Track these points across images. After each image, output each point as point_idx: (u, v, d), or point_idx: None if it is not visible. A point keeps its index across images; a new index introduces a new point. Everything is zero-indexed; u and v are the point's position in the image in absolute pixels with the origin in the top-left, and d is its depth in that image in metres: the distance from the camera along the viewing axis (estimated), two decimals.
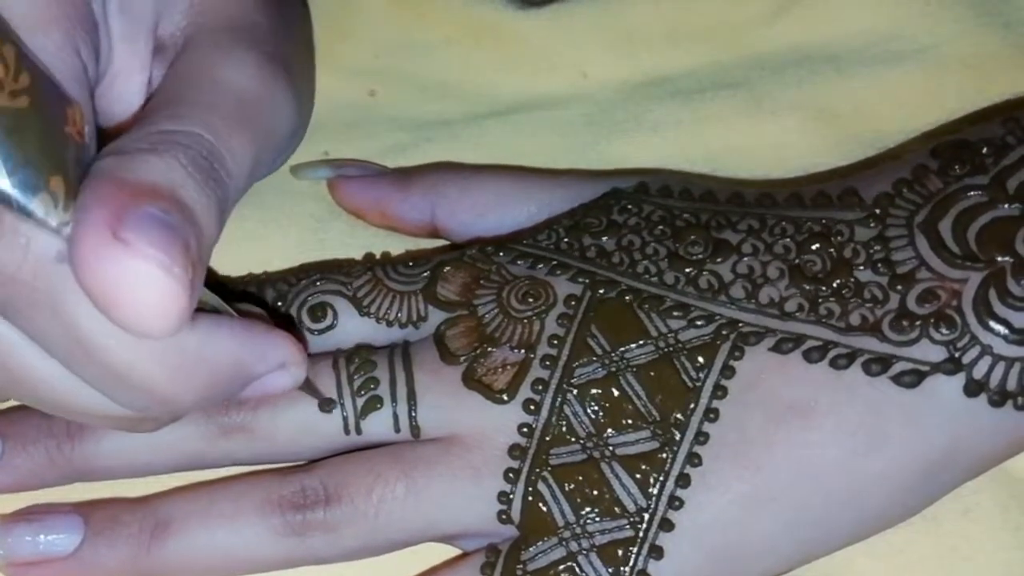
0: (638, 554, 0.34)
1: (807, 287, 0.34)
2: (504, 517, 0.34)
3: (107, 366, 0.28)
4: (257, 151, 0.32)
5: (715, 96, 0.42)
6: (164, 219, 0.26)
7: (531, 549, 0.34)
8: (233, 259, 0.40)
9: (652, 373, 0.34)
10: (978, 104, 0.41)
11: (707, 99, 0.42)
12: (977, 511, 0.36)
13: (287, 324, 0.36)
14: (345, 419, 0.35)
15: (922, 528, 0.36)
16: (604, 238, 0.36)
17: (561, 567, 0.34)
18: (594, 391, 0.35)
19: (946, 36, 0.43)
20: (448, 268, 0.37)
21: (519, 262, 0.37)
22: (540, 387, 0.35)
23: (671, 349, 0.35)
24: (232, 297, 0.34)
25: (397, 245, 0.40)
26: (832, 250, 0.35)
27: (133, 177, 0.27)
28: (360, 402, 0.35)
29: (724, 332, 0.34)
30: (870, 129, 0.42)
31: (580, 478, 0.34)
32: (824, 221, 0.35)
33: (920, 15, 0.43)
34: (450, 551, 0.36)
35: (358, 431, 0.35)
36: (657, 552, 0.33)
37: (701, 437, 0.34)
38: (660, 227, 0.36)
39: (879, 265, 0.34)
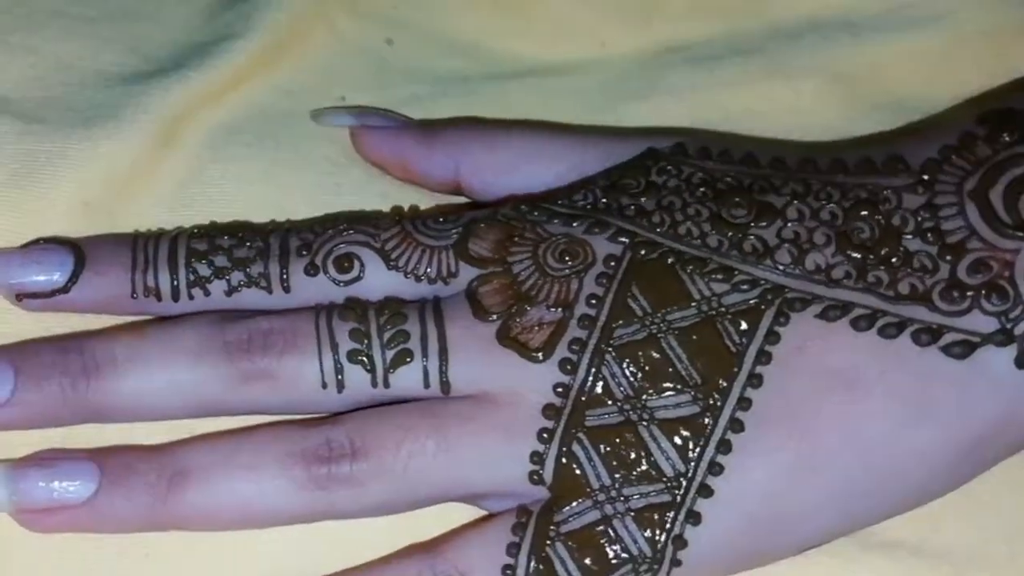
0: (675, 519, 0.33)
1: (855, 255, 0.34)
2: (536, 478, 0.33)
3: None
4: None
5: (731, 62, 0.42)
6: None
7: (564, 511, 0.33)
8: (247, 200, 0.39)
9: (694, 336, 0.34)
10: (995, 72, 0.41)
11: (724, 65, 0.42)
12: None
13: None
14: (373, 371, 0.34)
15: None
16: (643, 199, 0.36)
17: (596, 529, 0.33)
18: (634, 353, 0.34)
19: (963, 3, 0.43)
20: (482, 225, 0.36)
21: (555, 220, 0.36)
22: (577, 347, 0.34)
23: (714, 313, 0.34)
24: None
25: (415, 192, 0.39)
26: (880, 217, 0.34)
27: None
28: (390, 354, 0.34)
29: (769, 297, 0.34)
30: (887, 94, 0.41)
31: (617, 440, 0.33)
32: (870, 187, 0.35)
33: None
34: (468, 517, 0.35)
35: (386, 384, 0.34)
36: (695, 518, 0.33)
37: (744, 403, 0.33)
38: (701, 189, 0.36)
39: (928, 234, 0.34)
